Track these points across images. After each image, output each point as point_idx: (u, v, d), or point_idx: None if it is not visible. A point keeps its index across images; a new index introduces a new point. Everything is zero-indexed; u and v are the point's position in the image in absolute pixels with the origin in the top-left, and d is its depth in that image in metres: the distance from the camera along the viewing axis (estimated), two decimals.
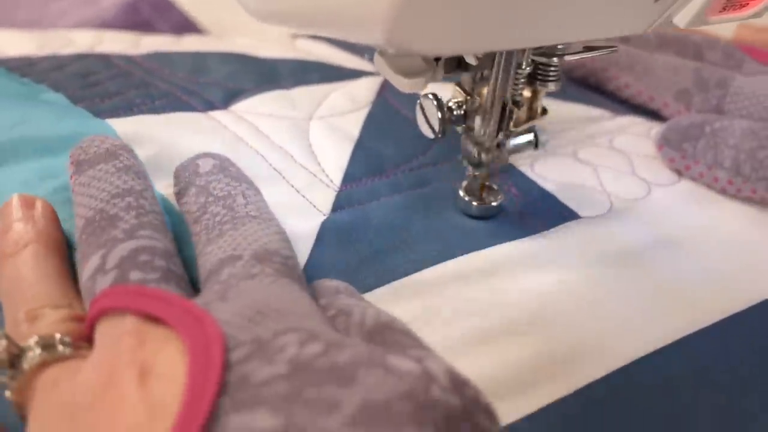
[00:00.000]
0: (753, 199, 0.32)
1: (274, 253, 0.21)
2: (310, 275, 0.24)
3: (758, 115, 0.35)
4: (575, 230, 0.29)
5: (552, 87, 0.27)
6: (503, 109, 0.26)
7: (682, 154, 0.34)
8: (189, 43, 0.41)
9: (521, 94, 0.27)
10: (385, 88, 0.37)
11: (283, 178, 0.29)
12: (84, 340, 0.20)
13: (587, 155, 0.35)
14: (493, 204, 0.28)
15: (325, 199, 0.29)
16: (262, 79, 0.36)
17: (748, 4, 0.20)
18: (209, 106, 0.33)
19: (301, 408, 0.14)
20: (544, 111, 0.28)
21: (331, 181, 0.30)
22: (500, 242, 0.27)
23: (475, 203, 0.28)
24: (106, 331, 0.18)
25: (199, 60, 0.38)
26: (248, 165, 0.29)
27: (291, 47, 0.41)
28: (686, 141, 0.34)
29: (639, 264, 0.28)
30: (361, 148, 0.32)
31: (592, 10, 0.17)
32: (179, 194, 0.25)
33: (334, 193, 0.29)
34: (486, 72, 0.26)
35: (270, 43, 0.41)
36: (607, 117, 0.38)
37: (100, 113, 0.31)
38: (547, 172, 0.33)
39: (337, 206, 0.28)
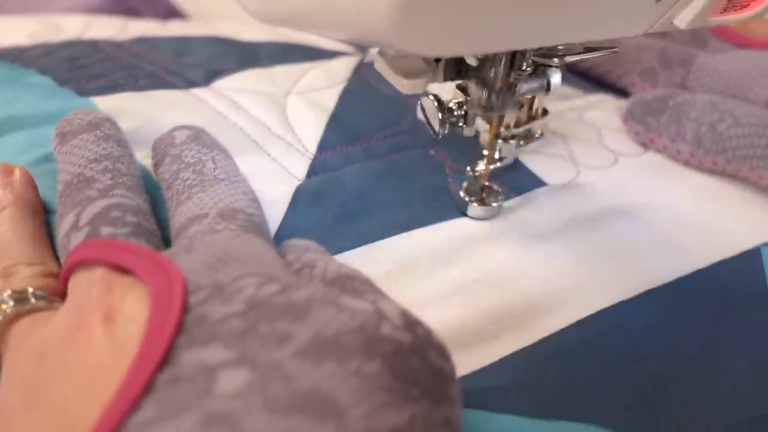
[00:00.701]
0: (714, 170, 0.34)
1: (239, 210, 0.22)
2: (283, 237, 0.26)
3: (720, 91, 0.36)
4: (542, 196, 0.31)
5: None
6: (513, 54, 0.25)
7: (646, 127, 0.35)
8: (174, 28, 0.42)
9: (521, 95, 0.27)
10: (362, 66, 0.38)
11: (260, 147, 0.31)
12: (58, 295, 0.21)
13: (557, 127, 0.36)
14: (494, 205, 0.28)
15: (300, 166, 0.30)
16: (243, 60, 0.37)
17: (749, 4, 0.20)
18: (191, 84, 0.34)
19: (253, 341, 0.15)
20: (545, 111, 0.29)
21: (307, 150, 0.31)
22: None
23: (475, 204, 0.28)
24: (77, 283, 0.19)
25: (183, 43, 0.39)
26: (227, 137, 0.30)
27: (273, 31, 0.42)
28: (650, 115, 0.35)
29: (599, 228, 0.29)
30: (336, 118, 0.33)
31: (593, 11, 0.18)
32: (156, 165, 0.26)
33: (309, 161, 0.30)
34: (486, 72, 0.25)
35: (253, 27, 0.42)
36: (578, 95, 0.40)
37: (85, 93, 0.32)
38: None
39: (311, 172, 0.30)
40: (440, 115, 0.26)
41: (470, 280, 0.25)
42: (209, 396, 0.14)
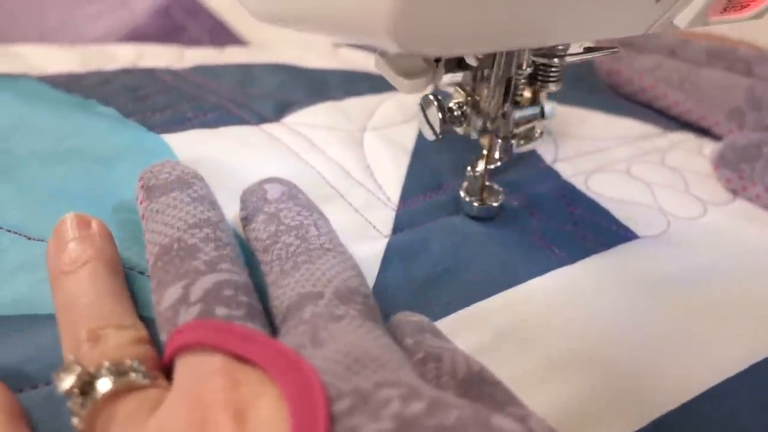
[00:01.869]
0: None
1: (355, 291, 0.20)
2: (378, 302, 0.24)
3: None
4: (635, 251, 0.29)
5: (552, 87, 0.27)
6: (508, 83, 0.26)
7: (740, 174, 0.33)
8: (232, 55, 0.41)
9: (522, 95, 0.27)
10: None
11: (341, 196, 0.29)
12: (158, 370, 0.19)
13: (640, 172, 0.34)
14: (494, 204, 0.28)
15: (384, 220, 0.28)
16: (311, 91, 0.36)
17: (749, 5, 0.20)
18: (261, 119, 0.33)
19: None
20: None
21: (389, 199, 0.29)
22: (563, 264, 0.27)
23: (475, 204, 0.28)
24: (191, 368, 0.18)
25: (245, 72, 0.37)
26: (304, 180, 0.29)
27: (334, 56, 0.40)
28: (744, 161, 0.33)
29: (701, 288, 0.27)
30: (417, 161, 0.32)
31: (592, 11, 0.17)
32: (246, 219, 0.24)
33: (393, 213, 0.29)
34: (486, 71, 0.26)
35: (313, 52, 0.41)
36: (657, 133, 0.38)
37: (153, 127, 0.30)
38: (602, 189, 0.33)
39: (397, 228, 0.28)
40: (440, 115, 0.26)
41: (568, 353, 0.24)
42: None
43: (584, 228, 0.30)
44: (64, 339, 0.20)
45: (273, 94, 0.35)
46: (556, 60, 0.26)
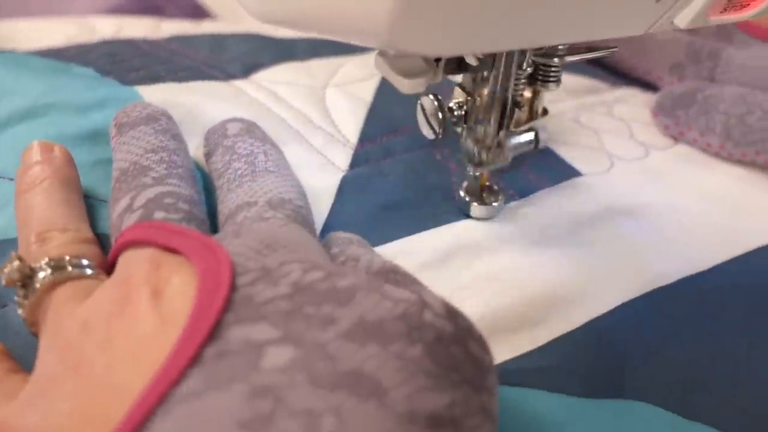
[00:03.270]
0: (743, 162, 0.34)
1: (287, 201, 0.22)
2: (331, 225, 0.26)
3: (748, 84, 0.37)
4: (578, 186, 0.31)
5: (553, 87, 0.27)
6: (503, 108, 0.26)
7: (676, 120, 0.36)
8: (208, 27, 0.43)
9: (522, 95, 0.27)
10: None
11: (303, 137, 0.31)
12: (100, 266, 0.21)
13: (587, 121, 0.37)
14: (494, 205, 0.28)
15: (343, 157, 0.30)
16: (278, 55, 0.38)
17: (749, 4, 0.20)
18: (229, 76, 0.35)
19: (299, 322, 0.15)
20: (545, 111, 0.29)
21: (348, 141, 0.32)
22: (512, 200, 0.29)
23: (475, 204, 0.28)
24: (126, 260, 0.20)
25: (218, 41, 0.40)
26: (269, 127, 0.31)
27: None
28: (679, 108, 0.36)
29: (636, 217, 0.30)
30: (375, 110, 0.34)
31: (592, 11, 0.18)
32: (208, 154, 0.26)
33: (351, 152, 0.31)
34: (486, 72, 0.26)
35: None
36: (606, 88, 0.40)
37: (128, 84, 0.33)
38: (550, 134, 0.35)
39: (354, 163, 0.30)
40: (440, 115, 0.26)
41: (508, 269, 0.26)
42: (256, 370, 0.14)
43: (531, 168, 0.32)
44: (19, 245, 0.22)
45: (242, 58, 0.38)
46: (556, 60, 0.26)
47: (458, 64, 0.25)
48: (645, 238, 0.29)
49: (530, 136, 0.29)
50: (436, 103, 0.26)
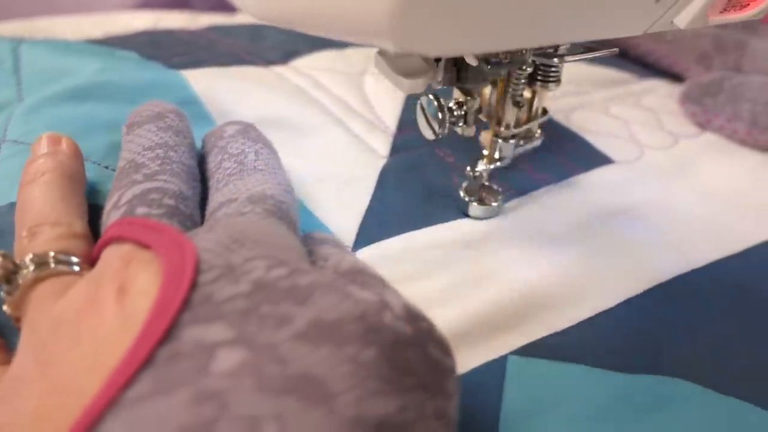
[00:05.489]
0: None
1: (269, 197, 0.21)
2: (374, 213, 0.27)
3: None
4: (609, 173, 0.32)
5: (553, 87, 0.27)
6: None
7: (704, 108, 0.36)
8: (243, 18, 0.44)
9: (522, 95, 0.27)
10: None
11: (342, 123, 0.32)
12: (88, 263, 0.21)
13: (617, 111, 0.38)
14: (494, 205, 0.28)
15: (382, 144, 0.31)
16: (315, 42, 0.39)
17: (749, 4, 0.20)
18: (269, 62, 0.36)
19: (254, 322, 0.15)
20: (545, 111, 0.29)
21: (387, 127, 0.32)
22: (539, 186, 0.30)
23: (475, 204, 0.28)
24: (104, 257, 0.19)
25: (256, 30, 0.41)
26: (311, 112, 0.32)
27: None
28: (707, 96, 0.36)
29: (664, 206, 0.31)
30: (412, 96, 0.34)
31: (592, 11, 0.17)
32: (204, 156, 0.26)
33: (391, 139, 0.32)
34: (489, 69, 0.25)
35: None
36: (633, 80, 0.41)
37: (172, 67, 0.34)
38: (581, 123, 0.36)
39: (393, 150, 0.31)
40: (440, 115, 0.26)
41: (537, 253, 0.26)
42: (204, 374, 0.14)
43: (564, 154, 0.33)
44: (15, 241, 0.21)
45: (280, 45, 0.38)
46: (556, 60, 0.26)
47: (458, 64, 0.25)
48: (686, 225, 0.29)
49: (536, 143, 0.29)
50: (436, 103, 0.26)
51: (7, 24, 0.40)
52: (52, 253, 0.20)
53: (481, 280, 0.25)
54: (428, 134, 0.27)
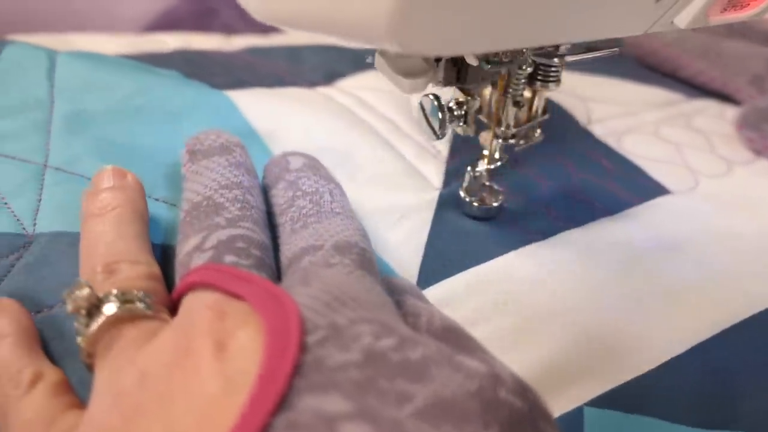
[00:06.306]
0: None
1: (353, 245, 0.21)
2: (432, 248, 0.26)
3: None
4: (666, 205, 0.31)
5: (553, 87, 0.27)
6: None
7: (762, 134, 0.35)
8: (279, 39, 0.43)
9: (522, 95, 0.27)
10: None
11: (393, 147, 0.31)
12: (165, 307, 0.20)
13: (668, 133, 0.36)
14: (494, 205, 0.28)
15: (436, 171, 0.30)
16: (357, 63, 0.38)
17: (749, 4, 0.20)
18: (313, 84, 0.35)
19: (373, 396, 0.15)
20: (545, 111, 0.29)
21: (439, 152, 0.31)
22: (597, 216, 0.29)
23: (475, 204, 0.28)
24: (189, 304, 0.19)
25: (294, 52, 0.39)
26: (359, 134, 0.31)
27: None
28: (765, 122, 0.35)
29: (726, 240, 0.29)
30: None
31: (593, 11, 0.17)
32: (268, 187, 0.25)
33: (444, 166, 0.31)
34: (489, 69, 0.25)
35: None
36: (682, 100, 0.40)
37: (216, 87, 0.32)
38: (633, 148, 0.35)
39: (446, 182, 0.30)
40: (440, 115, 0.26)
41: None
42: None
43: (620, 183, 0.32)
44: (82, 273, 0.21)
45: (322, 67, 0.37)
46: (556, 60, 0.26)
47: (457, 75, 0.25)
48: (752, 261, 0.28)
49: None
50: (436, 103, 0.26)
51: (36, 37, 0.39)
52: (137, 292, 0.19)
53: (545, 321, 0.24)
54: (428, 134, 0.26)
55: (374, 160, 0.30)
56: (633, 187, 0.31)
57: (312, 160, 0.26)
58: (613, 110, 0.38)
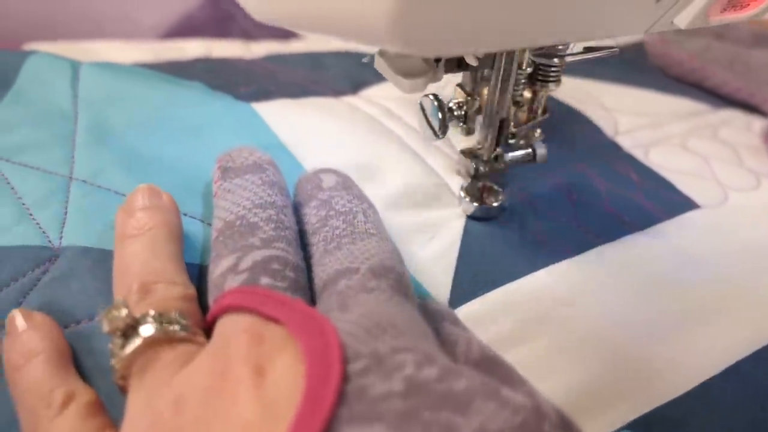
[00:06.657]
0: None
1: (389, 269, 0.21)
2: (463, 264, 0.26)
3: None
4: (697, 219, 0.30)
5: (552, 87, 0.27)
6: (501, 124, 0.26)
7: None
8: (299, 46, 0.42)
9: (522, 95, 0.27)
10: None
11: (420, 157, 0.31)
12: (200, 328, 0.20)
13: (695, 146, 0.36)
14: (494, 205, 0.27)
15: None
16: None
17: (749, 4, 0.20)
18: (338, 93, 0.35)
19: (417, 428, 0.14)
20: (545, 111, 0.28)
21: None
22: (624, 234, 0.28)
23: (475, 204, 0.27)
24: (225, 327, 0.19)
25: (315, 59, 0.39)
26: (386, 144, 0.31)
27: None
28: None
29: (760, 257, 0.29)
30: None
31: (593, 11, 0.17)
32: (299, 205, 0.25)
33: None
34: (486, 71, 0.26)
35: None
36: (708, 110, 0.40)
37: (241, 99, 0.32)
38: (661, 160, 0.34)
39: None
40: (440, 115, 0.26)
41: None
42: None
43: (649, 197, 0.31)
44: (116, 293, 0.21)
45: (346, 75, 0.37)
46: (556, 60, 0.26)
47: (458, 64, 0.25)
48: None
49: (528, 151, 0.28)
50: (436, 103, 0.26)
51: (54, 44, 0.39)
52: (174, 313, 0.19)
53: (579, 342, 0.24)
54: (428, 134, 0.26)
55: (403, 174, 0.30)
56: (662, 201, 0.31)
57: (345, 178, 0.25)
58: (639, 121, 0.37)
